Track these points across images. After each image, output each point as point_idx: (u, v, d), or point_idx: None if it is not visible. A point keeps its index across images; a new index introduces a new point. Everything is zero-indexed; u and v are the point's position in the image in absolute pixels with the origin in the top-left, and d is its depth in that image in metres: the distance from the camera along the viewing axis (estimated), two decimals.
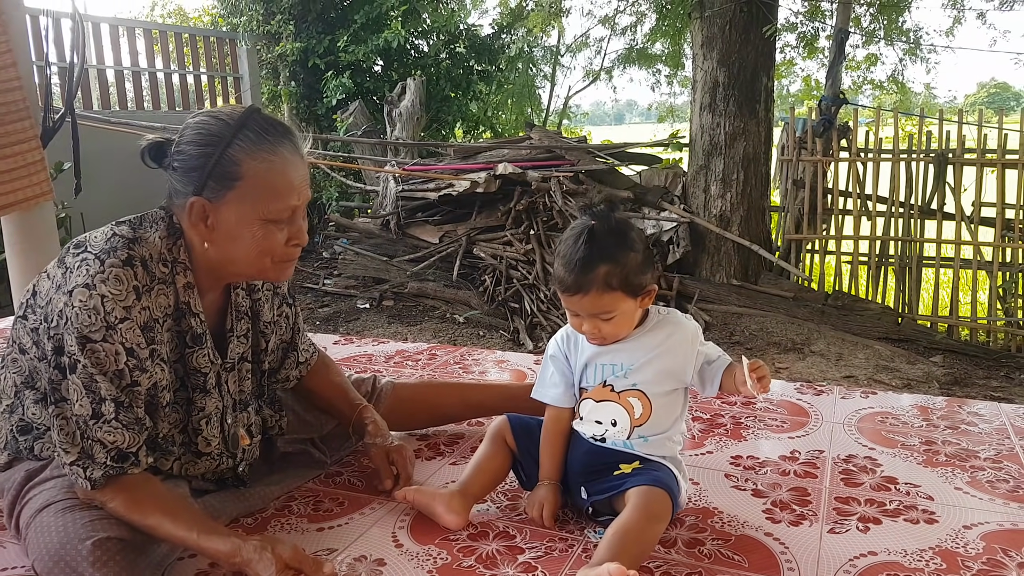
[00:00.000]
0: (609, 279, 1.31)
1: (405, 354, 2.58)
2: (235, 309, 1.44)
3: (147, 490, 1.26)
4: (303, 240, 1.34)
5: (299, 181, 1.30)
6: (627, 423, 1.39)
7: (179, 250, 1.32)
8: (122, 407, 1.24)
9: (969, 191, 5.05)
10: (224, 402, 1.42)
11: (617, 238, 1.33)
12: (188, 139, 1.28)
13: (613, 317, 1.34)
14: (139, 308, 1.25)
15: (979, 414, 1.98)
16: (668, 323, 1.41)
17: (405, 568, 1.31)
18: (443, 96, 8.81)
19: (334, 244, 6.39)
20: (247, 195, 1.26)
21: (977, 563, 1.30)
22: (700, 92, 5.25)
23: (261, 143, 1.27)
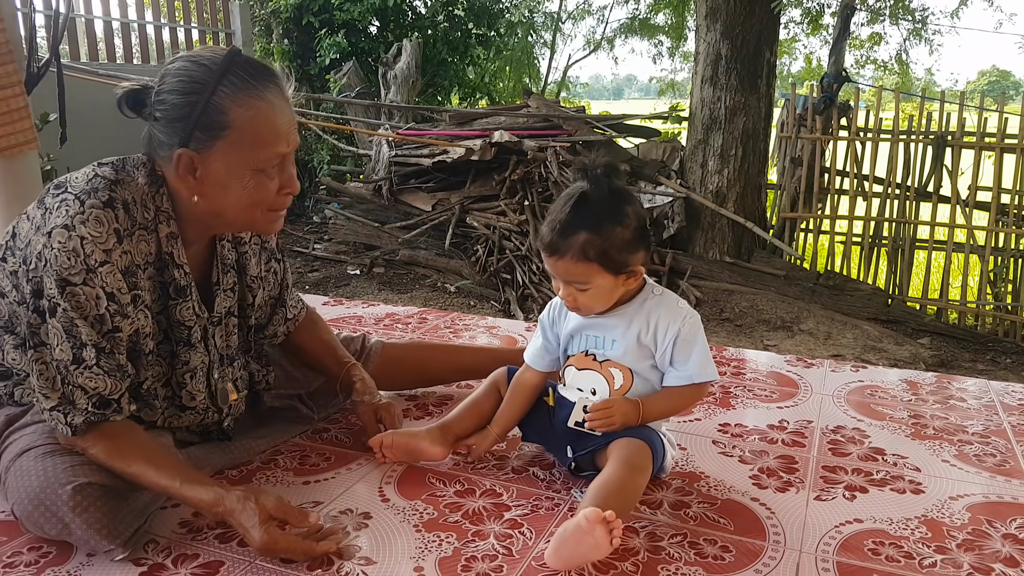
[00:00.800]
0: (586, 249, 1.26)
1: (395, 317, 2.56)
2: (221, 262, 1.41)
3: (130, 438, 1.24)
4: (295, 188, 1.30)
5: (287, 126, 1.26)
6: (607, 392, 1.37)
7: (162, 198, 1.28)
8: (103, 353, 1.21)
9: (966, 175, 5.04)
10: (211, 356, 1.40)
11: (608, 208, 1.28)
12: (170, 87, 1.22)
13: (587, 289, 1.30)
14: (120, 252, 1.22)
15: (968, 390, 1.98)
16: (658, 305, 1.35)
17: (391, 522, 1.30)
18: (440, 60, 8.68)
19: (325, 208, 6.33)
20: (235, 144, 1.22)
21: (962, 533, 1.30)
22: (702, 64, 5.19)
23: (246, 88, 1.22)
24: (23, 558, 1.19)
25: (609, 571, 1.18)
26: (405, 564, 1.19)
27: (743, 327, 4.48)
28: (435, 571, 1.17)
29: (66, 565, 1.18)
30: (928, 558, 1.23)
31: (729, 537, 1.27)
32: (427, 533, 1.27)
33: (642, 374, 1.37)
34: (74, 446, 1.22)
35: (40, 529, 1.18)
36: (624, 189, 1.32)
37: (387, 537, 1.26)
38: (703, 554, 1.22)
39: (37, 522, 1.17)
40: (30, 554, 1.20)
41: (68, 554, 1.20)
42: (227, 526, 1.27)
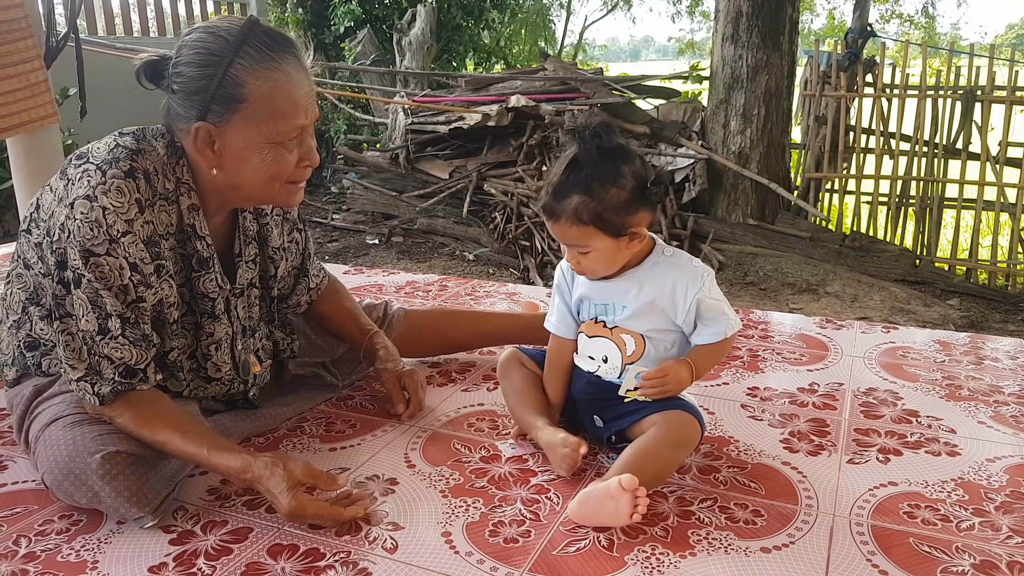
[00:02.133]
0: (580, 212, 1.23)
1: (415, 285, 2.55)
2: (243, 233, 1.40)
3: (157, 406, 1.24)
4: (314, 161, 1.28)
5: (305, 98, 1.24)
6: (619, 360, 1.34)
7: (182, 169, 1.27)
8: (128, 323, 1.21)
9: (996, 130, 4.90)
10: (234, 328, 1.40)
11: (601, 169, 1.23)
12: (187, 59, 1.20)
13: (588, 252, 1.28)
14: (141, 222, 1.21)
15: (1002, 350, 1.94)
16: (671, 266, 1.32)
17: (417, 487, 1.30)
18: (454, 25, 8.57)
19: (343, 178, 6.31)
20: (253, 117, 1.20)
21: (1000, 495, 1.27)
22: (723, 22, 5.07)
23: (264, 59, 1.19)
24: (54, 526, 1.20)
25: (638, 535, 1.16)
26: (432, 529, 1.18)
27: (767, 291, 4.42)
28: (463, 536, 1.16)
29: (96, 533, 1.18)
30: (965, 521, 1.20)
31: (760, 501, 1.25)
32: (454, 499, 1.26)
33: (654, 338, 1.33)
34: (101, 415, 1.23)
35: (70, 498, 1.18)
36: (621, 148, 1.26)
37: (414, 502, 1.25)
38: (734, 518, 1.20)
39: (67, 491, 1.18)
40: (61, 522, 1.21)
41: (98, 522, 1.21)
42: (255, 493, 1.27)
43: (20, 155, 2.82)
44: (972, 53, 5.03)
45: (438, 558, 1.12)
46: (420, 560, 1.11)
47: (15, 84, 2.63)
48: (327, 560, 1.11)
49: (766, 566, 1.10)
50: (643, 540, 1.15)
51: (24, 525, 1.20)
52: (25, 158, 2.82)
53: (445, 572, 1.09)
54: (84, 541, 1.16)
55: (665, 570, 1.09)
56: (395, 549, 1.14)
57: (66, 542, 1.16)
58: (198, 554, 1.13)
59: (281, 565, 1.10)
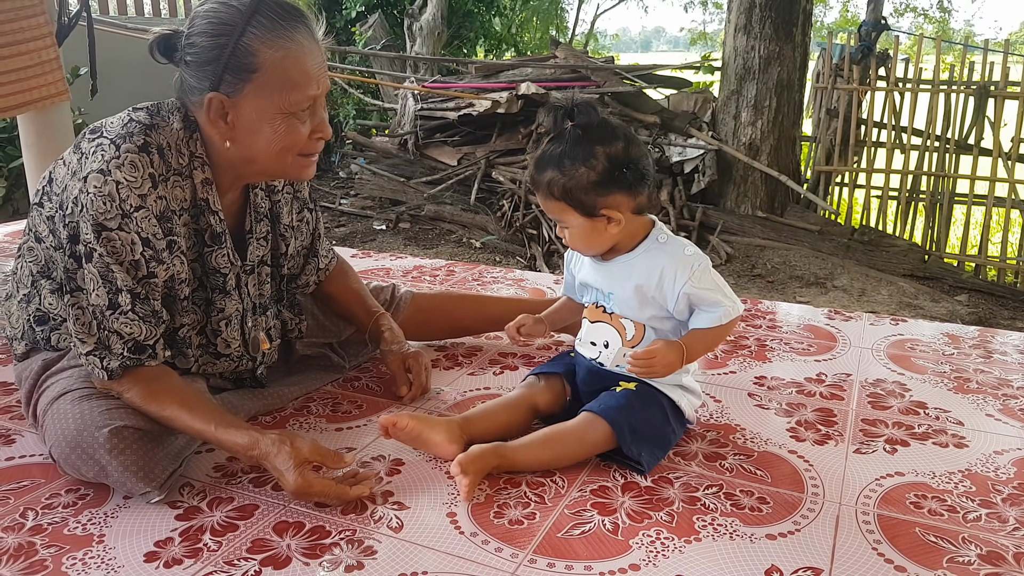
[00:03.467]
0: (552, 187, 1.26)
1: (423, 269, 2.55)
2: (254, 210, 1.40)
3: (165, 382, 1.24)
4: (327, 133, 1.29)
5: (317, 68, 1.24)
6: (619, 344, 1.34)
7: (196, 144, 1.27)
8: (139, 299, 1.21)
9: (1009, 126, 4.87)
10: (244, 305, 1.40)
11: (575, 148, 1.24)
12: (199, 29, 1.20)
13: (568, 228, 1.30)
14: (155, 197, 1.21)
15: (1011, 344, 1.93)
16: (661, 253, 1.30)
17: (423, 468, 1.30)
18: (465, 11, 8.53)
19: (351, 163, 6.31)
20: (265, 87, 1.20)
21: (1008, 487, 1.27)
22: (735, 12, 5.03)
23: (275, 29, 1.19)
24: (61, 500, 1.21)
25: (643, 520, 1.16)
26: (438, 510, 1.18)
27: (775, 283, 4.41)
28: (468, 517, 1.17)
29: (103, 507, 1.19)
30: (972, 512, 1.20)
31: (766, 489, 1.25)
32: None
33: (651, 324, 1.32)
34: (110, 390, 1.23)
35: (77, 472, 1.19)
36: (603, 128, 1.25)
37: (419, 483, 1.25)
38: (739, 505, 1.20)
39: (74, 464, 1.18)
40: (68, 496, 1.22)
41: (105, 496, 1.21)
42: (261, 470, 1.28)
43: (31, 133, 2.82)
44: (986, 48, 4.98)
45: (443, 538, 1.12)
46: (425, 540, 1.11)
47: (26, 61, 2.63)
48: (332, 538, 1.12)
49: (771, 553, 1.09)
50: (648, 525, 1.15)
51: (31, 498, 1.21)
52: (36, 136, 2.82)
53: (450, 552, 1.09)
54: (91, 515, 1.17)
55: (670, 555, 1.09)
56: (400, 528, 1.14)
57: (73, 516, 1.17)
58: (204, 530, 1.13)
59: (287, 542, 1.11)
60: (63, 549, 1.09)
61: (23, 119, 2.80)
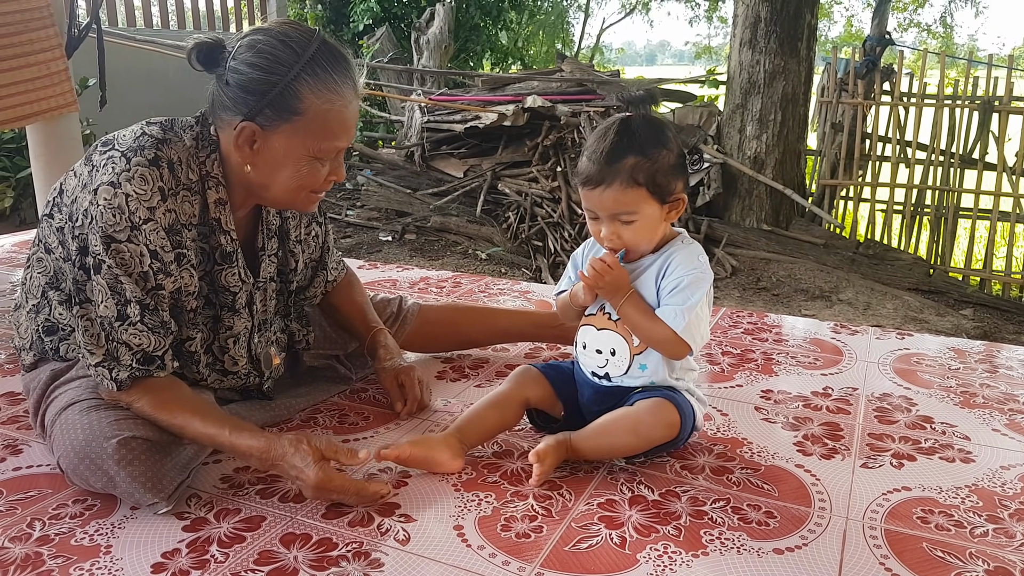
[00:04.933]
0: (635, 172, 1.23)
1: (429, 281, 2.55)
2: (266, 227, 1.41)
3: (175, 391, 1.25)
4: (341, 177, 1.32)
5: (353, 122, 1.28)
6: (626, 352, 1.32)
7: (213, 163, 1.28)
8: (147, 309, 1.22)
9: (1014, 141, 4.87)
10: (254, 321, 1.40)
11: (652, 132, 1.25)
12: (250, 60, 1.21)
13: (635, 220, 1.26)
14: (163, 210, 1.22)
15: (1017, 359, 1.92)
16: (679, 253, 1.30)
17: (430, 481, 1.30)
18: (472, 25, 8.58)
19: (358, 175, 6.33)
20: (301, 131, 1.22)
21: (1015, 503, 1.26)
22: (741, 27, 5.05)
23: (328, 81, 1.21)
24: (68, 510, 1.21)
25: (651, 533, 1.16)
26: (445, 523, 1.18)
27: (780, 296, 4.40)
28: (475, 530, 1.17)
29: (110, 518, 1.19)
30: (979, 527, 1.19)
31: (773, 503, 1.25)
32: (466, 492, 1.26)
33: None
34: (119, 400, 1.23)
35: (85, 482, 1.19)
36: (661, 119, 1.30)
37: (426, 496, 1.26)
38: (747, 519, 1.20)
39: (83, 475, 1.18)
40: (75, 506, 1.22)
41: (112, 507, 1.22)
42: (268, 481, 1.28)
43: (39, 144, 2.84)
44: (990, 63, 4.99)
45: (450, 551, 1.12)
46: (432, 552, 1.11)
47: (35, 72, 2.65)
48: (339, 550, 1.12)
49: (779, 567, 1.09)
50: (656, 539, 1.15)
51: (38, 509, 1.21)
52: (44, 147, 2.84)
53: (457, 565, 1.09)
54: (98, 525, 1.17)
55: (677, 569, 1.09)
56: (407, 541, 1.14)
57: (80, 526, 1.17)
58: (211, 541, 1.13)
59: (294, 554, 1.11)
60: (70, 560, 1.09)
61: (31, 129, 2.82)
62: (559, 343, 1.89)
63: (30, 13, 2.62)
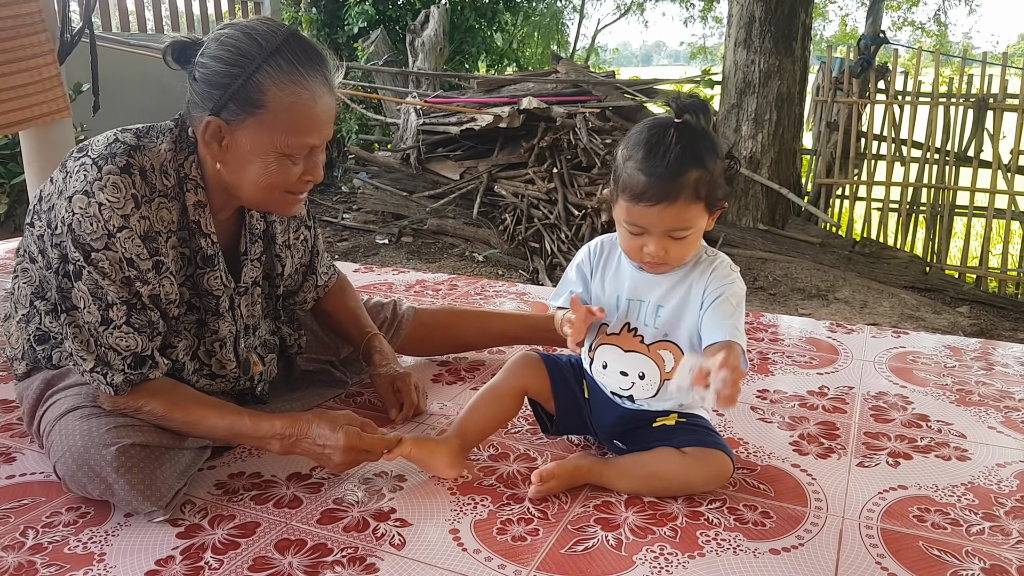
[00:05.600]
0: (699, 187, 1.13)
1: (425, 284, 2.55)
2: (249, 231, 1.39)
3: (183, 389, 1.27)
4: (317, 178, 1.27)
5: (324, 119, 1.23)
6: (657, 376, 1.24)
7: (191, 166, 1.26)
8: (134, 309, 1.20)
9: (1008, 139, 4.88)
10: (237, 326, 1.39)
11: (707, 141, 1.15)
12: (214, 53, 1.19)
13: (688, 235, 1.16)
14: (137, 217, 1.20)
15: (1013, 356, 1.92)
16: (712, 266, 1.22)
17: (425, 484, 1.30)
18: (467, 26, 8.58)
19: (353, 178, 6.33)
20: (267, 125, 1.19)
21: (1011, 500, 1.26)
22: (735, 27, 5.06)
23: (292, 74, 1.18)
24: (62, 518, 1.20)
25: (647, 535, 1.16)
26: (440, 526, 1.18)
27: (777, 296, 4.40)
28: (471, 534, 1.16)
29: (104, 525, 1.19)
30: (975, 525, 1.19)
31: (769, 503, 1.25)
32: (462, 496, 1.26)
33: (689, 347, 1.22)
34: (127, 407, 1.22)
35: (83, 489, 1.19)
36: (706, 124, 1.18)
37: (422, 500, 1.25)
38: (743, 520, 1.20)
39: (80, 482, 1.18)
40: (68, 514, 1.21)
41: (106, 515, 1.21)
42: (263, 487, 1.28)
43: (32, 149, 2.83)
44: (985, 61, 5.00)
45: (446, 555, 1.11)
46: (427, 557, 1.11)
47: (27, 78, 2.65)
48: (335, 555, 1.11)
49: (775, 567, 1.09)
50: (652, 540, 1.15)
51: (31, 517, 1.21)
52: (37, 153, 2.83)
53: (452, 569, 1.08)
54: (91, 533, 1.17)
55: (674, 570, 1.08)
56: (403, 545, 1.13)
57: (73, 534, 1.16)
58: (205, 548, 1.13)
59: (288, 560, 1.10)
60: (63, 568, 1.09)
61: (25, 135, 2.81)
62: (555, 346, 1.88)
63: (22, 19, 2.62)
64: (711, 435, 1.27)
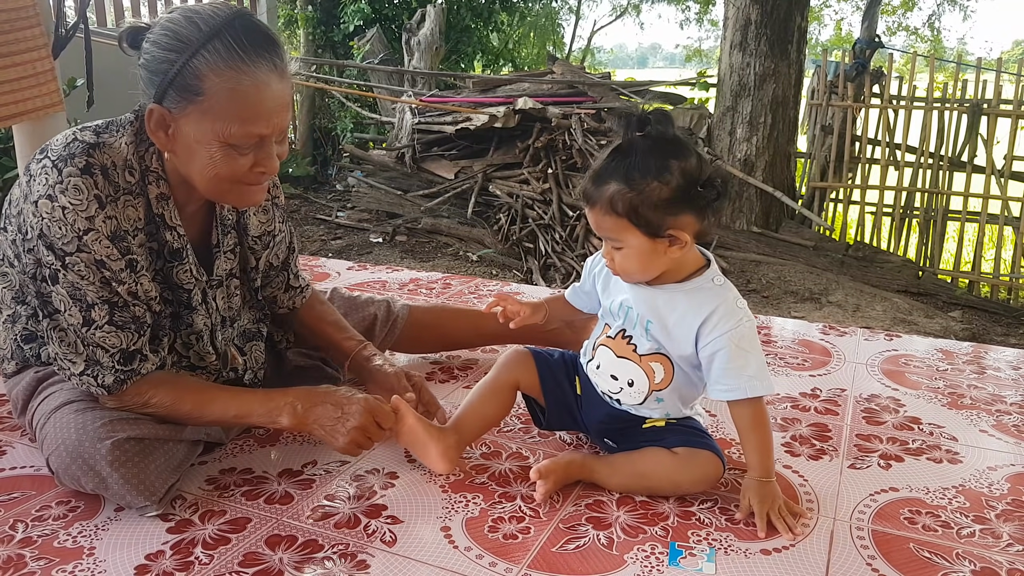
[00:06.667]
0: (614, 201, 1.14)
1: (419, 282, 2.55)
2: (220, 223, 1.35)
3: (185, 377, 1.28)
4: (270, 169, 1.19)
5: (271, 107, 1.15)
6: (646, 387, 1.25)
7: (152, 158, 1.22)
8: (116, 307, 1.19)
9: (1002, 144, 4.91)
10: (213, 319, 1.36)
11: (649, 160, 1.13)
12: (155, 38, 1.14)
13: (622, 247, 1.18)
14: (102, 218, 1.16)
15: (1005, 360, 1.93)
16: (716, 294, 1.19)
17: (417, 482, 1.29)
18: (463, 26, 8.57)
19: (348, 176, 6.32)
20: (208, 113, 1.13)
21: (1002, 503, 1.27)
22: (731, 29, 5.07)
23: (231, 59, 1.11)
24: (52, 512, 1.20)
25: (638, 534, 1.16)
26: (432, 524, 1.18)
27: (770, 298, 4.41)
28: (462, 531, 1.16)
29: (94, 519, 1.18)
30: (966, 528, 1.20)
31: None
32: (453, 494, 1.26)
33: (683, 366, 1.23)
34: (132, 403, 1.21)
35: (76, 482, 1.18)
36: (677, 141, 1.15)
37: (414, 497, 1.25)
38: (734, 520, 1.20)
39: (74, 475, 1.17)
40: (58, 508, 1.21)
41: (96, 509, 1.20)
42: (254, 483, 1.27)
43: (25, 144, 2.81)
44: (979, 67, 5.03)
45: (437, 552, 1.11)
46: (418, 554, 1.11)
47: (21, 72, 2.63)
48: (325, 552, 1.11)
49: (766, 568, 1.09)
50: (643, 539, 1.15)
51: (21, 510, 1.20)
52: (30, 147, 2.81)
53: (443, 566, 1.08)
54: (81, 527, 1.16)
55: (665, 569, 1.08)
56: (394, 542, 1.13)
57: (63, 528, 1.16)
58: (196, 543, 1.13)
59: (279, 556, 1.10)
60: (53, 562, 1.08)
61: (18, 130, 2.80)
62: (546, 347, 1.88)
63: (15, 12, 2.60)
64: (702, 436, 1.27)
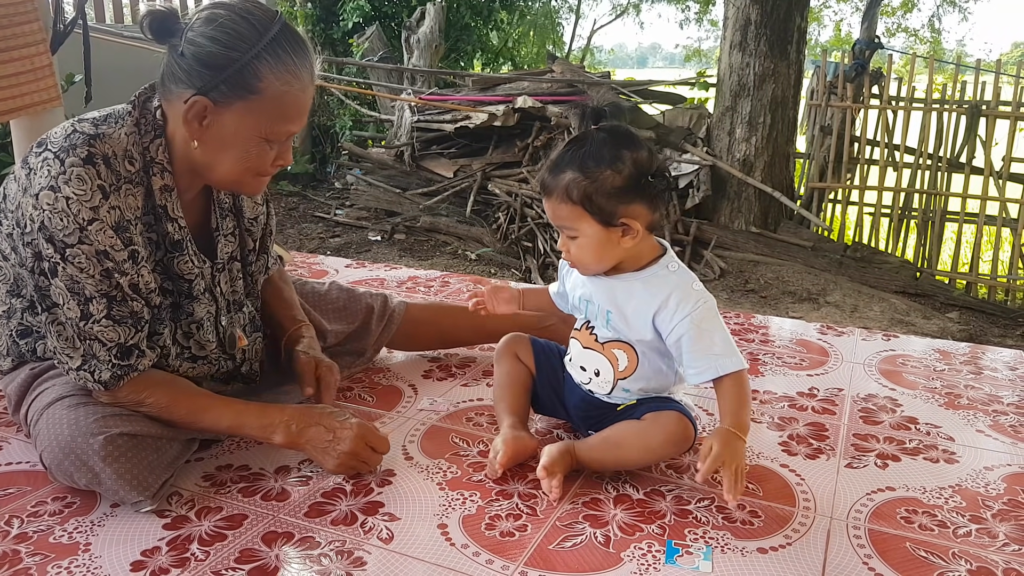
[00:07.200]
0: (570, 189, 1.18)
1: (417, 280, 2.54)
2: (218, 207, 1.37)
3: (182, 382, 1.28)
4: (288, 161, 1.28)
5: (308, 108, 1.25)
6: (611, 375, 1.29)
7: (157, 149, 1.23)
8: (115, 301, 1.19)
9: (1000, 146, 4.91)
10: (218, 304, 1.37)
11: (603, 149, 1.18)
12: (209, 33, 1.17)
13: (577, 237, 1.22)
14: (107, 208, 1.17)
15: (1002, 361, 1.93)
16: (670, 280, 1.23)
17: (415, 479, 1.29)
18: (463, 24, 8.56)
19: (347, 174, 6.31)
20: (255, 111, 1.18)
21: (998, 503, 1.27)
22: (731, 29, 5.07)
23: (288, 63, 1.19)
24: (47, 507, 1.20)
25: (635, 532, 1.16)
26: (429, 521, 1.18)
27: (768, 299, 4.42)
28: (459, 529, 1.16)
29: (90, 515, 1.18)
30: (963, 527, 1.20)
31: (758, 503, 1.25)
32: (451, 491, 1.26)
33: (647, 353, 1.27)
34: (127, 401, 1.21)
35: (69, 478, 1.18)
36: (629, 134, 1.21)
37: (411, 495, 1.25)
38: (731, 518, 1.20)
39: (67, 471, 1.17)
40: (54, 504, 1.21)
41: (92, 505, 1.20)
42: (251, 479, 1.27)
43: (23, 139, 2.81)
44: (978, 68, 5.03)
45: (434, 550, 1.11)
46: (415, 551, 1.11)
47: (19, 67, 2.63)
48: (322, 548, 1.11)
49: (762, 567, 1.09)
50: (640, 537, 1.15)
51: (17, 506, 1.20)
52: (27, 143, 2.81)
53: (440, 564, 1.08)
54: (77, 523, 1.16)
55: (661, 568, 1.08)
56: (391, 539, 1.13)
57: (59, 524, 1.16)
58: (192, 539, 1.12)
59: (275, 552, 1.10)
60: (48, 557, 1.08)
61: (15, 125, 2.79)
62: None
63: (13, 7, 2.59)
64: (669, 402, 1.30)
